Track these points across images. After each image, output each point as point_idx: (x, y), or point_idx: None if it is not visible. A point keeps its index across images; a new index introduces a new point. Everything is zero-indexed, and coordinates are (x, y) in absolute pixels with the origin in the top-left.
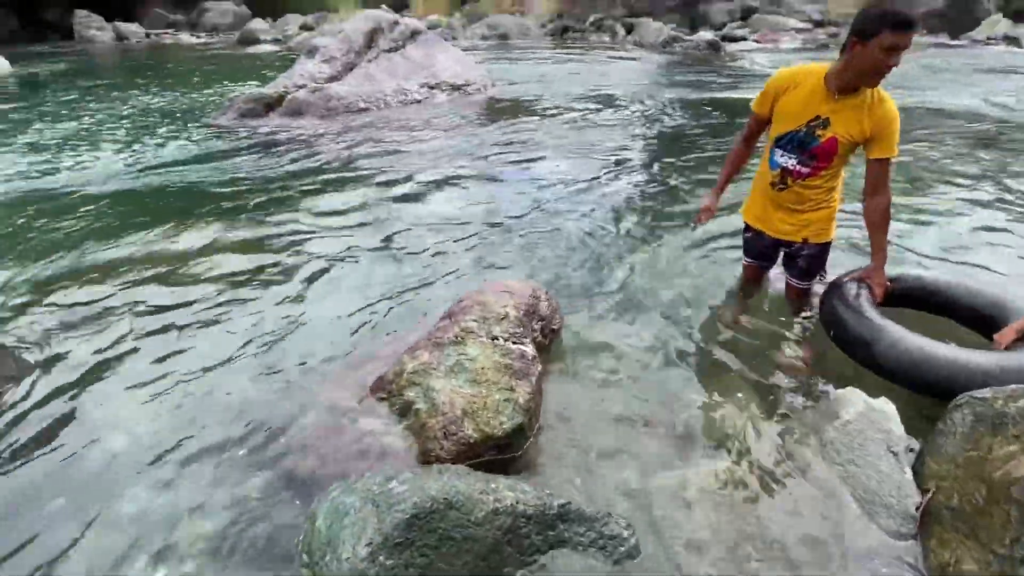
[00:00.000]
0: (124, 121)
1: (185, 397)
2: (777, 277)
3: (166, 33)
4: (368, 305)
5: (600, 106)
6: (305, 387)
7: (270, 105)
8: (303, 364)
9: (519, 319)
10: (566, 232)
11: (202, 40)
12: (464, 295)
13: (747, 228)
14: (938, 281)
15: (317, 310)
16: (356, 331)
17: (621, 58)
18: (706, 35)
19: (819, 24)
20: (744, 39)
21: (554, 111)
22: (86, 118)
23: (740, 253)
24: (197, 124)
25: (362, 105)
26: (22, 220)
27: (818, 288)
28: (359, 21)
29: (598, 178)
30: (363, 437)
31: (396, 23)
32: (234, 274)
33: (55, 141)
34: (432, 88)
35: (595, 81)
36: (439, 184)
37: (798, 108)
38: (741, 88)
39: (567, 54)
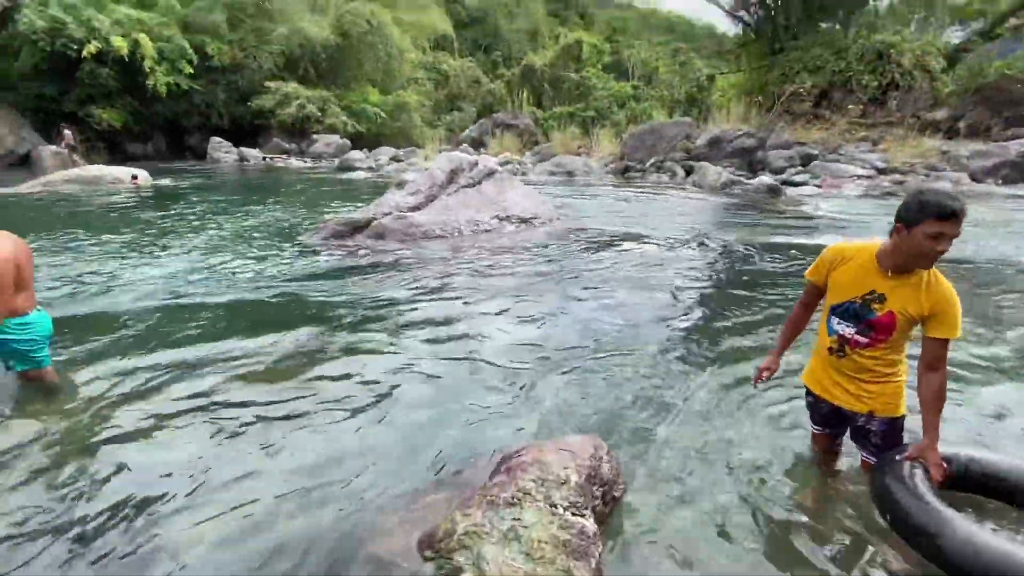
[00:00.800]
0: (240, 234)
1: (237, 521)
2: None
3: (279, 157)
4: (427, 434)
5: (662, 243)
6: (354, 527)
7: (358, 228)
8: (360, 498)
9: (580, 485)
10: (629, 373)
11: (308, 165)
12: (523, 448)
13: (808, 392)
14: (1001, 464)
15: (377, 435)
16: (414, 462)
17: (681, 198)
18: (766, 179)
19: (882, 171)
20: (805, 184)
21: (616, 245)
22: (213, 229)
23: (809, 415)
24: (295, 241)
25: (438, 232)
26: (150, 322)
27: None
28: (443, 161)
29: (660, 316)
30: None
31: (475, 164)
32: (308, 390)
33: (184, 250)
34: (502, 220)
35: (656, 218)
36: (504, 312)
37: (852, 281)
38: (805, 234)
39: (629, 192)
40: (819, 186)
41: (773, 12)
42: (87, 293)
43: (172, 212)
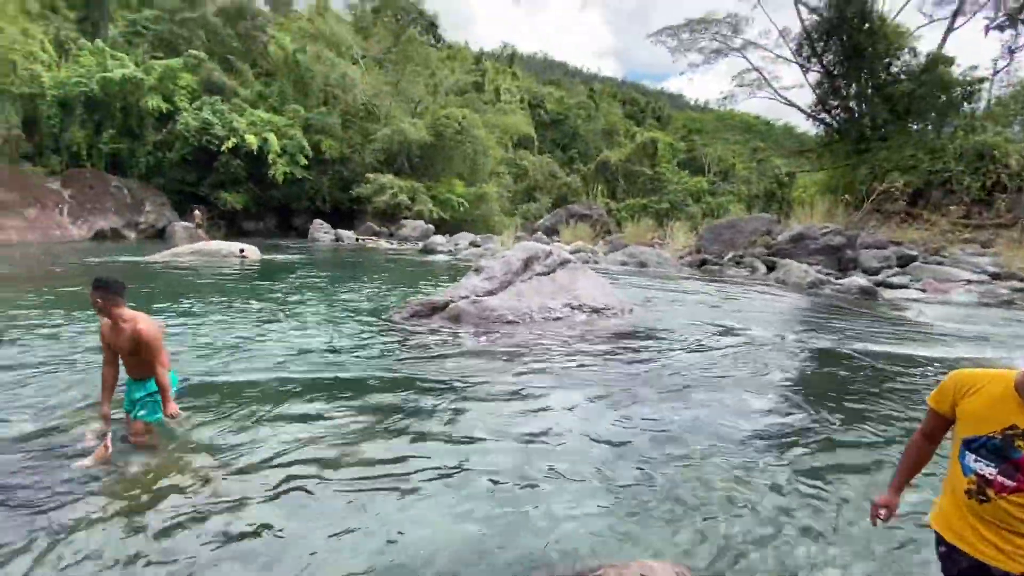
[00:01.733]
0: (331, 308)
1: None
2: None
3: (369, 239)
4: (496, 534)
5: (743, 344)
6: None
7: (436, 309)
8: None
9: None
10: (720, 487)
11: (394, 247)
12: (600, 568)
13: (939, 540)
14: None
15: (446, 530)
16: (481, 565)
17: (763, 295)
18: (859, 280)
19: (996, 277)
20: (905, 287)
21: (692, 343)
22: (308, 304)
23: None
24: (380, 318)
25: (510, 318)
26: (245, 392)
27: None
28: (519, 251)
29: (755, 424)
30: None
31: (550, 253)
32: (381, 473)
33: (281, 323)
34: (574, 309)
35: (736, 316)
36: (579, 405)
37: (987, 413)
38: (912, 342)
39: (705, 286)
40: (923, 290)
41: (857, 115)
42: (187, 360)
43: (276, 286)
